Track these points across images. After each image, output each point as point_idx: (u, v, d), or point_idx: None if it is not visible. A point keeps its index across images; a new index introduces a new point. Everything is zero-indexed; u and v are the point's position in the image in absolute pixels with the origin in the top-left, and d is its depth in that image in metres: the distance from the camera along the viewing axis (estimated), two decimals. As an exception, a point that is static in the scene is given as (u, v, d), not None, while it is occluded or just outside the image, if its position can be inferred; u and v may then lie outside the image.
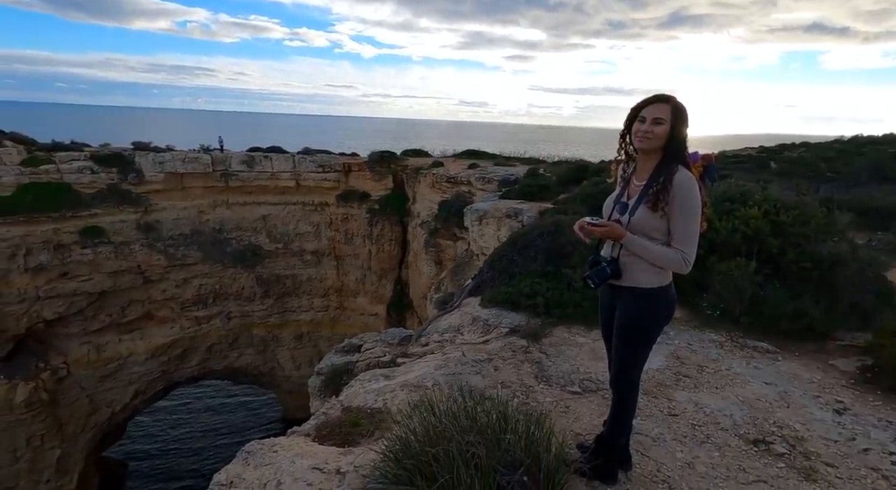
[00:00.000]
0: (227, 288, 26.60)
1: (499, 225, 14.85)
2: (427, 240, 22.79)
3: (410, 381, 4.45)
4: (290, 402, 30.53)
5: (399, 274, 27.61)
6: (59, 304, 22.32)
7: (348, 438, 3.78)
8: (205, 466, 28.07)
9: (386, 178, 28.37)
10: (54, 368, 22.33)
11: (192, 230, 25.91)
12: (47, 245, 22.00)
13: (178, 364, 25.95)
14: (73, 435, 22.86)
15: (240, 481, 3.10)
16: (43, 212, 22.02)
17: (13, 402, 20.58)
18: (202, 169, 25.99)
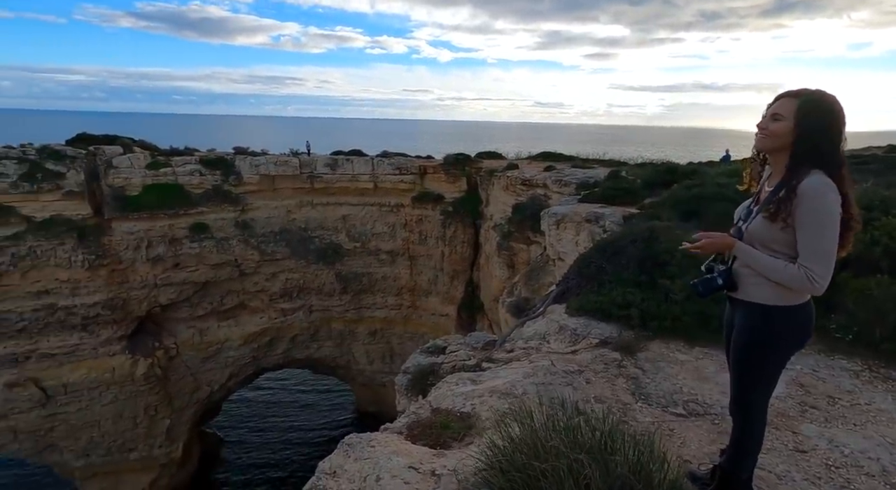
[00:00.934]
0: (310, 283, 28.38)
1: (578, 230, 14.34)
2: (500, 242, 22.63)
3: (499, 387, 4.41)
4: (363, 395, 31.93)
5: (470, 275, 27.72)
6: (171, 292, 25.23)
7: (439, 440, 3.82)
8: (286, 447, 30.25)
9: (460, 181, 28.64)
10: (166, 348, 25.33)
11: (282, 228, 27.97)
12: (164, 239, 24.96)
13: (266, 351, 28.18)
14: (180, 408, 25.76)
15: (342, 472, 3.25)
16: (161, 209, 25.02)
17: (135, 374, 23.69)
18: (291, 171, 27.97)
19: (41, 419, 22.39)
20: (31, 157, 23.30)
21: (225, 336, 26.93)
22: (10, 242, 22.04)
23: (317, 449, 30.09)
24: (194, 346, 26.28)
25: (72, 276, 22.98)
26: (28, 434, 22.40)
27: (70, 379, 22.80)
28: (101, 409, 23.40)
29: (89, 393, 23.16)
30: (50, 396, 22.45)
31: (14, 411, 21.83)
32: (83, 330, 23.25)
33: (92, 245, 23.35)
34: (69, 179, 23.52)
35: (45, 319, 22.54)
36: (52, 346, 22.70)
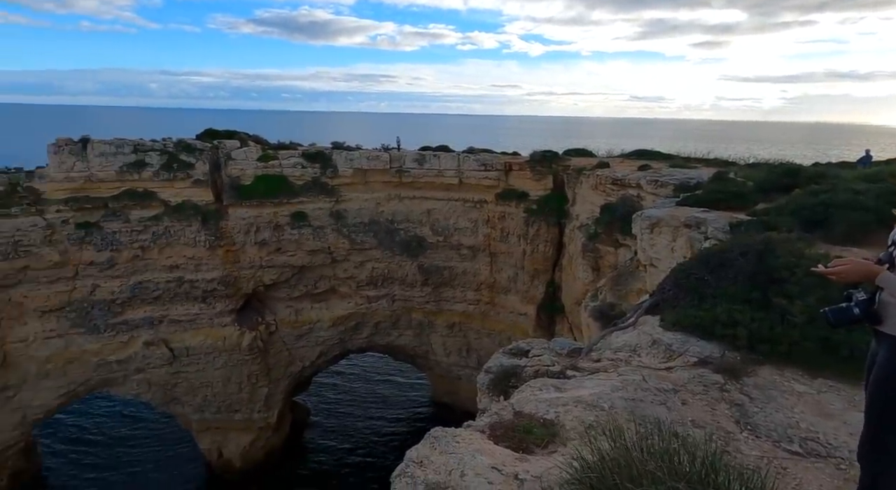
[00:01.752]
0: (394, 273, 29.67)
1: (674, 235, 13.31)
2: (585, 244, 21.76)
3: (585, 398, 4.31)
4: (438, 386, 32.80)
5: (552, 276, 27.05)
6: (273, 273, 27.91)
7: (522, 444, 3.85)
8: (365, 425, 32.14)
9: (546, 178, 27.98)
10: (267, 324, 28.15)
11: (371, 219, 29.51)
12: (269, 225, 27.62)
13: (352, 334, 30.08)
14: (276, 379, 28.55)
15: (428, 462, 3.42)
16: (268, 198, 27.68)
17: (241, 345, 26.71)
18: (382, 165, 29.32)
19: (168, 375, 26.17)
20: (169, 150, 27.05)
21: (317, 317, 29.20)
22: (151, 223, 25.86)
23: (394, 431, 31.62)
24: (290, 323, 28.86)
25: (196, 254, 26.39)
26: (159, 387, 26.32)
27: (191, 343, 26.32)
28: (213, 372, 26.74)
29: (205, 357, 26.55)
30: (175, 357, 26.14)
31: (149, 366, 25.78)
32: (203, 301, 26.63)
33: (212, 228, 26.58)
34: (197, 169, 26.94)
35: (174, 290, 26.19)
36: (178, 313, 26.34)
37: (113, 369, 25.41)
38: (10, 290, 23.47)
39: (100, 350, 25.00)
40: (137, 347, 25.52)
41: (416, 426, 32.18)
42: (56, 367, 24.39)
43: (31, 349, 23.94)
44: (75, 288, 24.70)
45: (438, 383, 32.67)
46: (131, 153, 26.18)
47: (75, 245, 24.46)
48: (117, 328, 25.29)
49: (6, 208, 23.49)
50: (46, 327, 24.25)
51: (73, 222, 24.57)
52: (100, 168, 25.43)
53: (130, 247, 25.38)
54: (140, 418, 31.39)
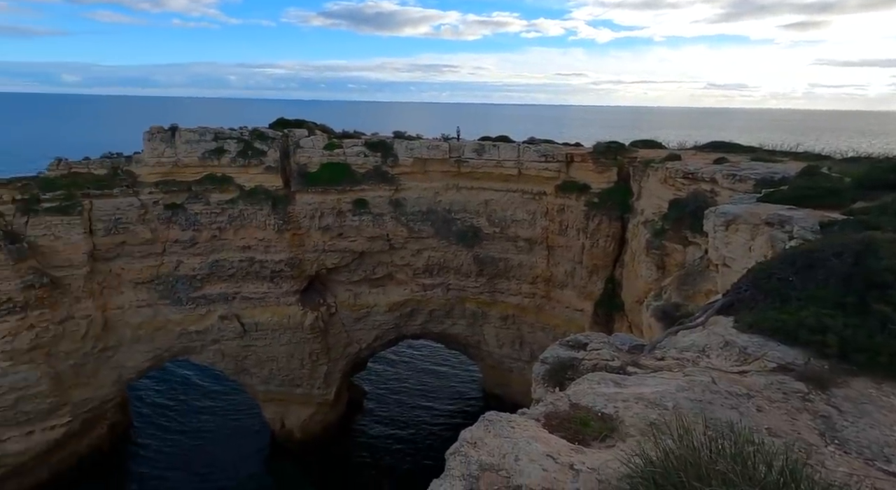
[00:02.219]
0: (450, 262, 29.93)
1: (753, 234, 12.29)
2: (650, 240, 20.68)
3: (647, 395, 4.13)
4: (490, 376, 32.87)
5: (612, 272, 26.03)
6: (335, 257, 29.16)
7: (577, 435, 3.77)
8: (417, 410, 33.03)
9: (609, 171, 26.82)
10: (328, 305, 29.56)
11: (429, 208, 29.88)
12: (333, 211, 28.80)
13: (407, 320, 30.83)
14: (335, 359, 29.99)
15: (482, 444, 3.45)
16: (332, 185, 28.84)
17: (304, 324, 28.30)
18: (441, 155, 29.50)
19: (239, 348, 28.33)
20: (245, 138, 28.90)
21: (374, 301, 30.21)
22: (228, 206, 27.87)
23: (444, 419, 32.23)
24: (349, 306, 30.09)
25: (266, 236, 28.14)
26: (231, 357, 28.59)
27: (260, 319, 28.26)
28: (279, 347, 28.58)
29: (272, 333, 28.41)
30: (246, 331, 28.20)
31: (223, 338, 28.04)
32: (270, 281, 28.43)
33: (281, 212, 28.18)
34: (269, 157, 28.60)
35: (246, 269, 28.16)
36: (249, 291, 28.32)
37: (192, 339, 27.91)
38: (110, 263, 26.38)
39: (182, 320, 27.52)
40: (214, 320, 27.81)
41: (467, 415, 32.58)
42: (146, 334, 27.20)
43: (126, 316, 26.84)
44: (163, 263, 27.29)
45: (490, 374, 32.73)
46: (212, 141, 28.28)
47: (163, 224, 26.95)
48: (197, 301, 27.67)
49: (109, 190, 26.33)
50: (139, 297, 27.06)
51: (163, 203, 27.06)
52: (185, 154, 27.73)
53: (209, 227, 27.54)
54: (214, 388, 34.40)
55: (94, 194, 25.90)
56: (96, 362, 26.32)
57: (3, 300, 23.26)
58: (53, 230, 24.74)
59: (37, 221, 24.55)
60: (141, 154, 28.26)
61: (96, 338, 26.10)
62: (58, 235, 24.81)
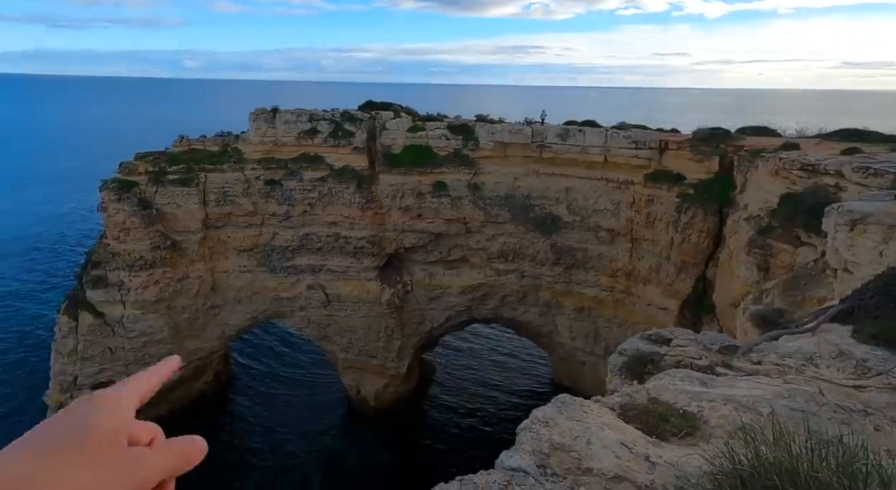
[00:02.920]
0: (525, 249, 29.52)
1: (886, 236, 10.59)
2: (753, 238, 18.68)
3: (737, 398, 3.83)
4: (560, 368, 32.27)
5: (703, 271, 24.00)
6: (413, 237, 30.10)
7: (655, 429, 3.63)
8: (484, 395, 33.53)
9: (709, 160, 24.52)
10: (404, 283, 30.74)
11: (507, 193, 29.57)
12: (413, 192, 29.63)
13: (479, 304, 31.12)
14: (408, 335, 31.27)
15: (554, 424, 3.45)
16: (414, 167, 29.60)
17: (381, 299, 29.77)
18: (523, 139, 28.90)
19: (323, 316, 30.60)
20: (336, 119, 30.55)
21: (448, 283, 30.84)
22: (319, 183, 29.82)
23: (510, 407, 32.39)
24: (424, 286, 31.03)
25: (351, 214, 29.77)
26: (315, 324, 31.01)
27: (342, 291, 30.21)
28: (357, 319, 30.42)
29: (352, 305, 30.28)
30: (329, 301, 30.34)
31: (309, 306, 30.44)
32: (353, 256, 30.15)
33: (365, 191, 29.58)
34: (357, 138, 30.01)
35: (332, 243, 30.11)
36: (334, 264, 30.30)
37: (283, 304, 30.64)
38: (219, 231, 29.63)
39: (275, 287, 30.28)
40: (302, 289, 30.24)
41: (534, 404, 32.44)
42: (245, 296, 30.36)
43: (230, 279, 30.12)
44: (261, 234, 30.06)
45: (560, 366, 32.13)
46: (307, 121, 30.28)
47: (263, 198, 29.57)
48: (288, 271, 30.22)
49: (220, 165, 29.41)
50: (241, 263, 30.17)
51: (263, 179, 29.65)
52: (283, 133, 30.02)
53: (302, 203, 29.73)
54: (300, 353, 37.70)
55: (207, 169, 29.11)
56: (205, 318, 29.99)
57: (137, 258, 27.28)
58: (175, 199, 28.29)
59: (163, 191, 28.21)
60: (247, 133, 31.09)
61: (206, 296, 29.68)
62: (179, 204, 28.34)
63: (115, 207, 27.25)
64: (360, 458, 28.57)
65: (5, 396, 30.89)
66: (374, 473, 27.58)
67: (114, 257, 27.54)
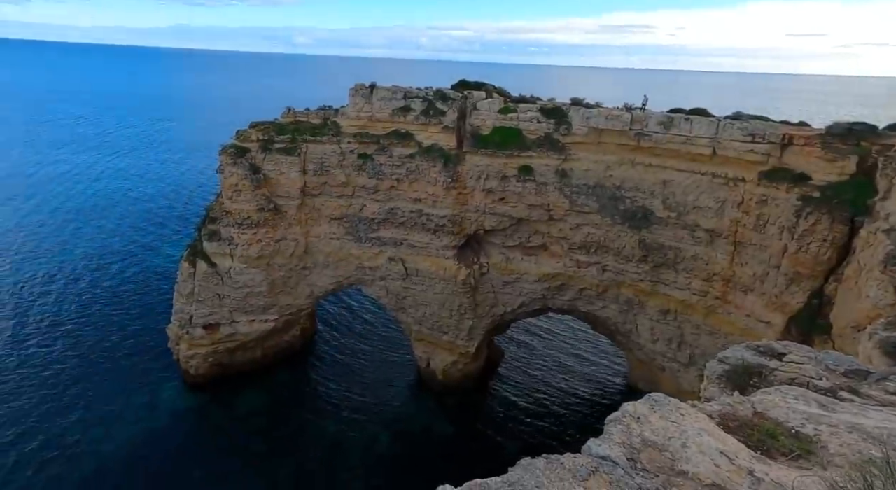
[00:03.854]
0: (610, 242, 28.10)
1: None
2: (892, 254, 16.03)
3: (867, 427, 3.37)
4: (637, 370, 30.75)
5: (821, 285, 21.14)
6: (494, 220, 29.99)
7: (760, 445, 3.34)
8: (552, 387, 33.11)
9: (845, 160, 21.26)
10: (481, 265, 30.91)
11: (596, 182, 28.18)
12: (498, 175, 29.35)
13: (555, 294, 30.42)
14: (480, 316, 31.60)
15: (645, 420, 3.32)
16: (501, 149, 29.22)
17: (457, 278, 30.29)
18: (620, 126, 27.14)
19: (401, 288, 31.91)
20: (429, 98, 30.95)
21: (524, 269, 30.46)
22: (407, 160, 30.66)
23: (578, 406, 31.69)
24: (500, 269, 30.96)
25: (435, 191, 30.33)
26: (393, 295, 32.48)
27: (420, 266, 31.18)
28: (433, 295, 31.30)
29: (428, 281, 31.18)
30: (408, 274, 31.50)
31: (389, 277, 31.89)
32: (433, 233, 30.84)
33: (450, 170, 29.86)
34: (447, 117, 30.21)
35: (415, 219, 31.02)
36: (415, 239, 31.27)
37: (366, 273, 32.39)
38: (314, 198, 31.85)
39: (360, 256, 32.06)
40: (383, 260, 31.69)
41: (603, 405, 31.41)
42: (333, 261, 32.55)
43: (321, 244, 32.41)
44: (351, 204, 31.79)
45: (637, 368, 30.60)
46: (402, 99, 31.05)
47: (355, 171, 31.13)
48: (372, 241, 31.77)
49: (320, 137, 31.37)
50: (331, 231, 32.28)
51: (357, 153, 31.14)
52: (378, 110, 31.11)
53: (389, 178, 30.84)
54: (378, 322, 39.87)
55: (309, 140, 31.20)
56: (297, 277, 32.72)
57: (245, 217, 30.36)
58: (280, 166, 30.81)
59: (270, 158, 30.83)
60: (345, 108, 32.69)
61: (299, 258, 32.31)
62: (282, 171, 30.84)
63: (231, 170, 30.39)
64: (424, 426, 29.87)
65: (139, 327, 36.57)
66: (437, 442, 28.72)
67: (226, 215, 30.89)
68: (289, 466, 26.26)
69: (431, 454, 27.72)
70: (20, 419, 27.30)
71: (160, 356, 33.05)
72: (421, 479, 25.04)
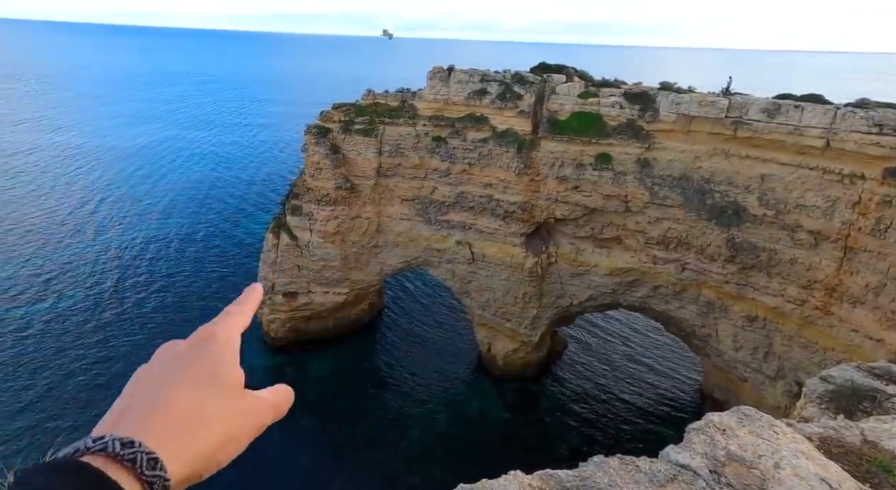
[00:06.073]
0: (693, 239, 26.12)
1: None
2: None
3: None
4: (713, 378, 28.68)
5: (952, 303, 18.17)
6: (565, 209, 29.05)
7: (869, 477, 2.98)
8: (610, 388, 31.95)
9: None
10: (549, 254, 30.21)
11: (681, 174, 26.19)
12: (573, 162, 28.26)
13: (627, 290, 29.02)
14: (545, 306, 31.07)
15: (732, 435, 3.09)
16: (579, 135, 28.03)
17: (524, 266, 29.91)
18: (714, 113, 24.86)
19: (466, 272, 32.18)
20: (506, 81, 30.31)
21: (595, 261, 29.31)
22: (480, 144, 30.45)
23: (641, 403, 30.34)
24: (569, 260, 30.07)
25: (506, 177, 29.92)
26: (458, 278, 32.87)
27: (487, 252, 31.16)
28: (497, 281, 31.23)
29: (494, 267, 31.11)
30: (474, 259, 31.65)
31: (455, 260, 32.26)
32: (502, 219, 30.57)
33: (524, 156, 29.23)
34: (524, 101, 29.44)
35: (484, 204, 30.90)
36: (483, 224, 31.22)
37: (433, 254, 33.01)
38: (388, 179, 32.81)
39: (428, 237, 32.68)
40: (451, 244, 32.06)
41: (671, 410, 29.81)
42: (402, 241, 33.52)
43: (392, 224, 33.46)
44: (423, 187, 32.34)
45: (713, 375, 28.53)
46: (478, 82, 30.70)
47: (429, 154, 31.51)
48: (441, 224, 32.19)
49: (396, 119, 32.06)
50: (402, 211, 33.15)
51: (431, 135, 31.46)
52: (455, 93, 31.05)
53: (461, 162, 30.86)
54: (441, 302, 40.68)
55: (386, 122, 32.02)
56: (368, 254, 34.17)
57: (324, 194, 32.08)
58: (357, 147, 32.01)
59: (350, 139, 32.12)
60: (423, 90, 33.01)
61: (371, 235, 33.65)
62: (359, 152, 32.03)
63: (314, 149, 32.13)
64: (481, 410, 30.29)
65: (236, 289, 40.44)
66: (493, 427, 29.04)
67: (308, 191, 32.84)
68: (351, 430, 28.04)
69: (487, 437, 28.09)
70: (117, 361, 31.56)
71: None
72: (475, 459, 25.55)
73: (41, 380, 30.18)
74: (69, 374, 30.81)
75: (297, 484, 24.70)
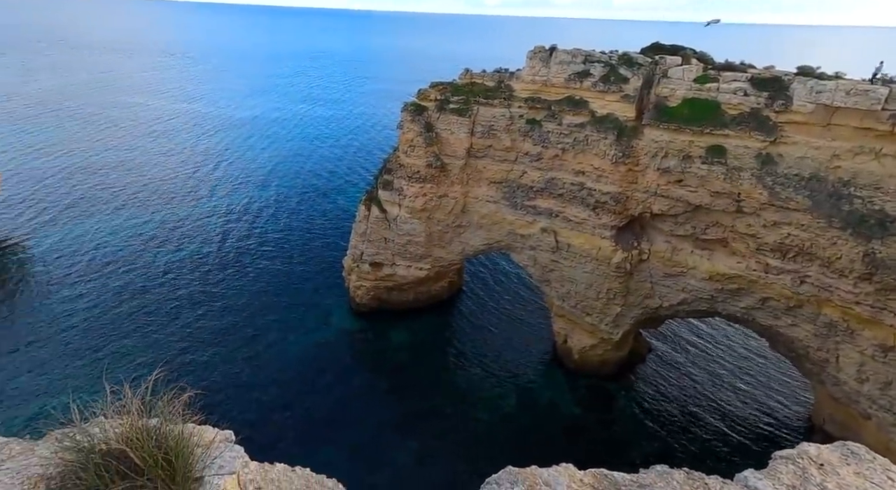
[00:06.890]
0: (818, 250, 22.70)
1: None
2: None
3: None
4: (827, 408, 25.16)
5: None
6: (665, 204, 26.77)
7: None
8: (694, 408, 29.50)
9: None
10: (641, 250, 28.25)
11: (812, 174, 22.73)
12: (679, 153, 25.81)
13: (727, 298, 26.24)
14: (631, 305, 29.30)
15: (831, 470, 2.69)
16: (689, 124, 25.44)
17: (611, 260, 28.35)
18: (867, 105, 21.05)
19: (549, 261, 31.35)
20: (612, 63, 28.30)
21: (693, 263, 26.82)
22: (576, 129, 29.00)
23: (731, 423, 27.68)
24: (663, 259, 27.85)
25: (601, 165, 28.27)
26: (540, 266, 32.18)
27: (572, 242, 29.99)
28: (581, 273, 30.00)
29: (579, 258, 29.89)
30: (559, 248, 30.66)
31: (538, 247, 31.54)
32: (592, 210, 29.09)
33: (623, 144, 27.31)
34: (630, 85, 27.32)
35: (575, 193, 29.61)
36: (571, 213, 30.00)
37: (516, 239, 32.59)
38: (478, 160, 32.75)
39: (513, 222, 32.27)
40: (536, 230, 31.34)
41: (763, 434, 26.85)
42: (486, 224, 33.51)
43: (478, 205, 33.52)
44: (512, 170, 31.81)
45: (826, 405, 25.01)
46: (581, 63, 29.05)
47: (521, 136, 30.78)
48: (528, 209, 31.54)
49: (491, 100, 31.65)
50: (489, 194, 33.02)
51: (525, 118, 30.62)
52: (555, 74, 29.74)
53: (555, 146, 29.72)
54: (521, 288, 40.27)
55: (481, 102, 31.77)
56: (452, 233, 34.73)
57: (415, 171, 33.02)
58: (451, 126, 32.27)
59: (444, 118, 32.47)
60: (521, 71, 32.11)
61: (456, 215, 34.08)
62: (452, 131, 32.28)
63: (409, 127, 33.05)
64: (551, 401, 29.82)
65: (323, 256, 43.84)
66: (560, 418, 28.52)
67: (400, 167, 34.02)
68: (423, 402, 29.25)
69: (553, 429, 27.67)
70: (227, 317, 35.79)
71: (334, 284, 39.30)
72: (539, 449, 25.34)
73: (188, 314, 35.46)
74: (202, 310, 35.81)
75: (368, 438, 26.53)
